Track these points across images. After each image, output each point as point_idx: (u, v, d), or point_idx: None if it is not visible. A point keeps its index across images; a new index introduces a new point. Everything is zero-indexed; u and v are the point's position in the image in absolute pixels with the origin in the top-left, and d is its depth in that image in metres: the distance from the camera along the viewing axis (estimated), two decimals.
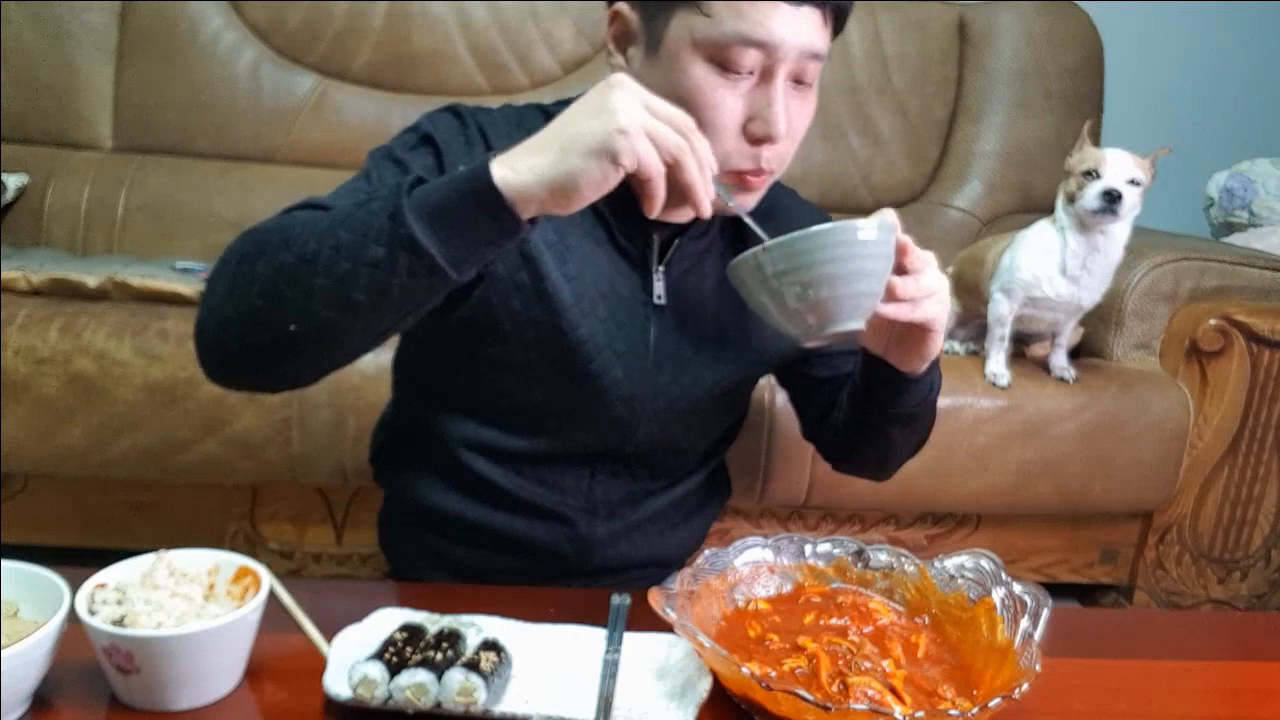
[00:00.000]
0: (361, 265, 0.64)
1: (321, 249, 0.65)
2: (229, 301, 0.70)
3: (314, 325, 0.67)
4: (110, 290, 1.49)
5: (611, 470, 0.93)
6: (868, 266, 0.68)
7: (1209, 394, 1.57)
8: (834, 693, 0.65)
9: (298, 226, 0.68)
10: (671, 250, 0.88)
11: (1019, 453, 1.50)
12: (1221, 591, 1.67)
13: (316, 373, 0.74)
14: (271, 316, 0.68)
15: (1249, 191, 2.05)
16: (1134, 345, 1.61)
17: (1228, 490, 1.61)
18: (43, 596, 0.65)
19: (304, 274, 0.66)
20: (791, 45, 0.75)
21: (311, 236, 0.66)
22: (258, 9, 2.04)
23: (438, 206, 0.64)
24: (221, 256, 0.72)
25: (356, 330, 0.69)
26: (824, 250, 0.66)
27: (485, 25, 2.07)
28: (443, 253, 0.64)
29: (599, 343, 0.85)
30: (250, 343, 0.70)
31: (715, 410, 0.95)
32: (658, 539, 0.98)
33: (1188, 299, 1.60)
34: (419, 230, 0.63)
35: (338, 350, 0.71)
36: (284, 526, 1.55)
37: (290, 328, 0.68)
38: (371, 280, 0.64)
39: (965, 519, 1.63)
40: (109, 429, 1.39)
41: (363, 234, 0.64)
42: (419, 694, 0.62)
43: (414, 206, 0.64)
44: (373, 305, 0.66)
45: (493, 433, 0.90)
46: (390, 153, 0.82)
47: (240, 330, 0.70)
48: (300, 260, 0.66)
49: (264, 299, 0.68)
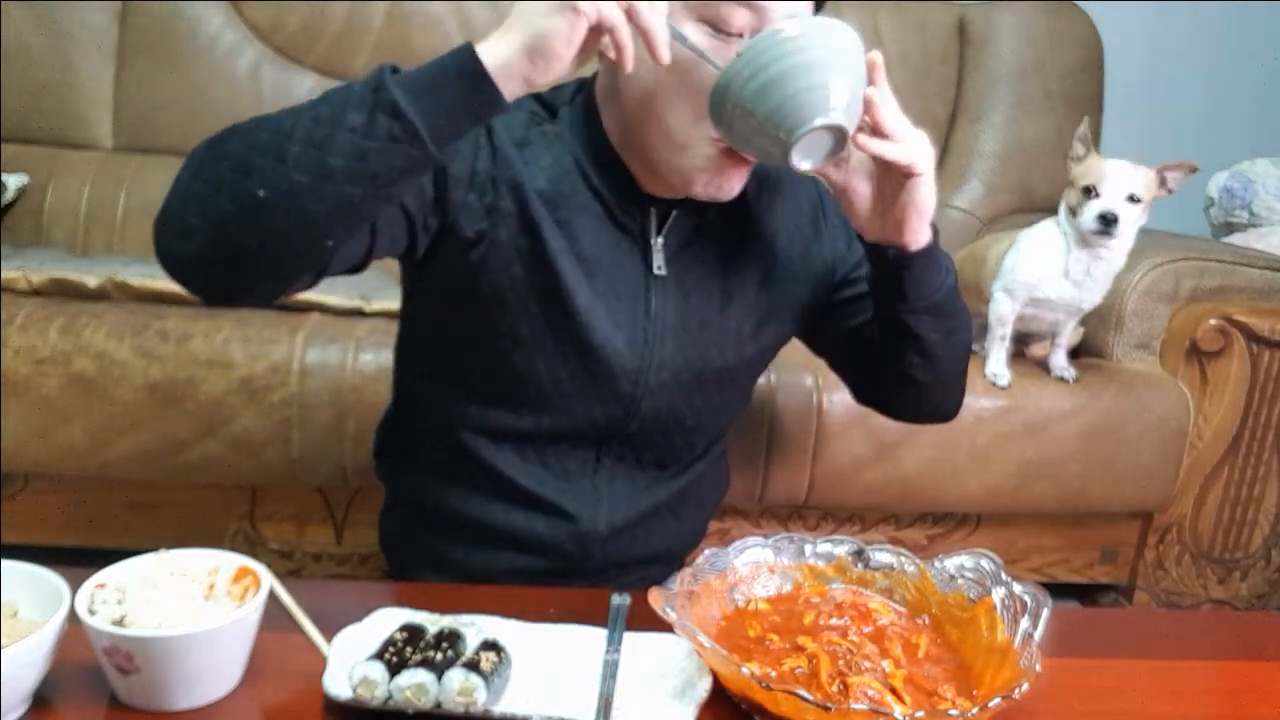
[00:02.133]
0: (341, 130, 0.65)
1: (299, 121, 0.67)
2: (195, 179, 0.69)
3: (284, 191, 0.66)
4: (110, 290, 1.49)
5: (617, 453, 0.93)
6: (816, 58, 0.70)
7: (1209, 394, 1.57)
8: (834, 693, 0.65)
9: (275, 113, 0.70)
10: (669, 222, 0.88)
11: (1019, 453, 1.50)
12: (1221, 591, 1.68)
13: (279, 266, 0.71)
14: (239, 184, 0.66)
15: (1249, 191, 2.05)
16: (1134, 345, 1.61)
17: (1228, 490, 1.61)
18: (43, 596, 0.65)
19: (278, 143, 0.66)
20: (778, 5, 0.75)
21: (289, 114, 0.68)
22: (258, 9, 2.04)
23: (421, 80, 0.67)
24: (202, 145, 0.71)
25: (328, 202, 0.67)
26: (766, 52, 0.69)
27: (485, 25, 2.06)
28: (423, 120, 0.65)
29: (600, 313, 0.86)
30: (213, 213, 0.68)
31: (718, 386, 0.94)
32: (659, 533, 0.97)
33: (1188, 299, 1.60)
34: (401, 96, 0.65)
35: (306, 230, 0.68)
36: (284, 526, 1.55)
37: (259, 193, 0.66)
38: (349, 144, 0.65)
39: (965, 519, 1.63)
40: (109, 429, 1.39)
41: (343, 103, 0.66)
42: (419, 694, 0.62)
43: (398, 81, 0.66)
44: (348, 173, 0.66)
45: (496, 412, 0.90)
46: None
47: (203, 202, 0.68)
48: (276, 133, 0.67)
49: (234, 172, 0.67)
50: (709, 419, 0.97)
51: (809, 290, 0.96)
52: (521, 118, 0.86)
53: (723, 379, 0.94)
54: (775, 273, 0.94)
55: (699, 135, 0.79)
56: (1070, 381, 1.52)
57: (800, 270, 0.95)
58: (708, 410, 0.96)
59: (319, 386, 1.40)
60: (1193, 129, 2.47)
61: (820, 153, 0.73)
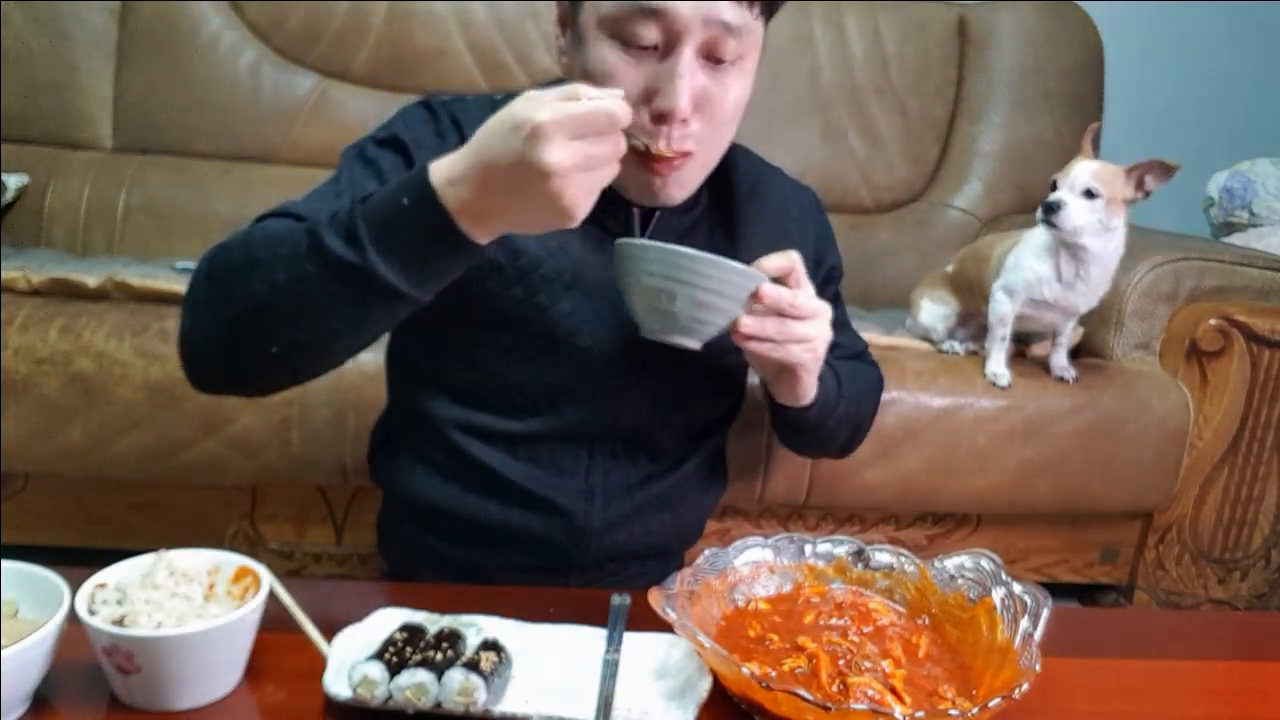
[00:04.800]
0: (341, 305, 0.68)
1: (290, 281, 0.68)
2: (208, 320, 0.73)
3: (294, 348, 0.72)
4: (110, 290, 1.49)
5: (610, 451, 0.93)
6: (711, 300, 0.75)
7: (1209, 394, 1.57)
8: (834, 693, 0.65)
9: (262, 248, 0.70)
10: (653, 224, 0.89)
11: (1019, 453, 1.50)
12: (1221, 591, 1.68)
13: (307, 379, 0.77)
14: (251, 339, 0.71)
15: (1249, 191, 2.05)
16: (1134, 345, 1.61)
17: (1228, 490, 1.61)
18: (43, 596, 0.65)
19: (277, 304, 0.69)
20: (692, 15, 0.74)
21: (279, 265, 0.68)
22: (258, 9, 2.04)
23: (402, 248, 0.66)
24: (196, 268, 0.75)
25: (337, 349, 0.73)
26: (681, 271, 0.73)
27: (485, 25, 2.07)
28: (417, 288, 0.67)
29: (583, 317, 0.87)
30: (235, 361, 0.74)
31: (705, 381, 0.95)
32: (656, 527, 0.97)
33: (1188, 299, 1.60)
34: (393, 277, 0.66)
35: (323, 363, 0.75)
36: (284, 526, 1.55)
37: (272, 349, 0.71)
38: (349, 314, 0.69)
39: (965, 519, 1.63)
40: (109, 429, 1.39)
41: (333, 280, 0.67)
42: (419, 694, 0.62)
43: (375, 242, 0.65)
44: (350, 329, 0.71)
45: (487, 417, 0.90)
46: (362, 151, 0.85)
47: (222, 348, 0.74)
48: (271, 289, 0.69)
49: (240, 324, 0.71)
50: (699, 414, 0.97)
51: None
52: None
53: (709, 374, 0.95)
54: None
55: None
56: (1070, 381, 1.52)
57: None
58: (697, 406, 0.96)
59: (319, 386, 1.39)
60: (1193, 129, 2.47)
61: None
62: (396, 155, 0.84)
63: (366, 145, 0.85)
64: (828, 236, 1.03)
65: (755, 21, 0.78)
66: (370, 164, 0.83)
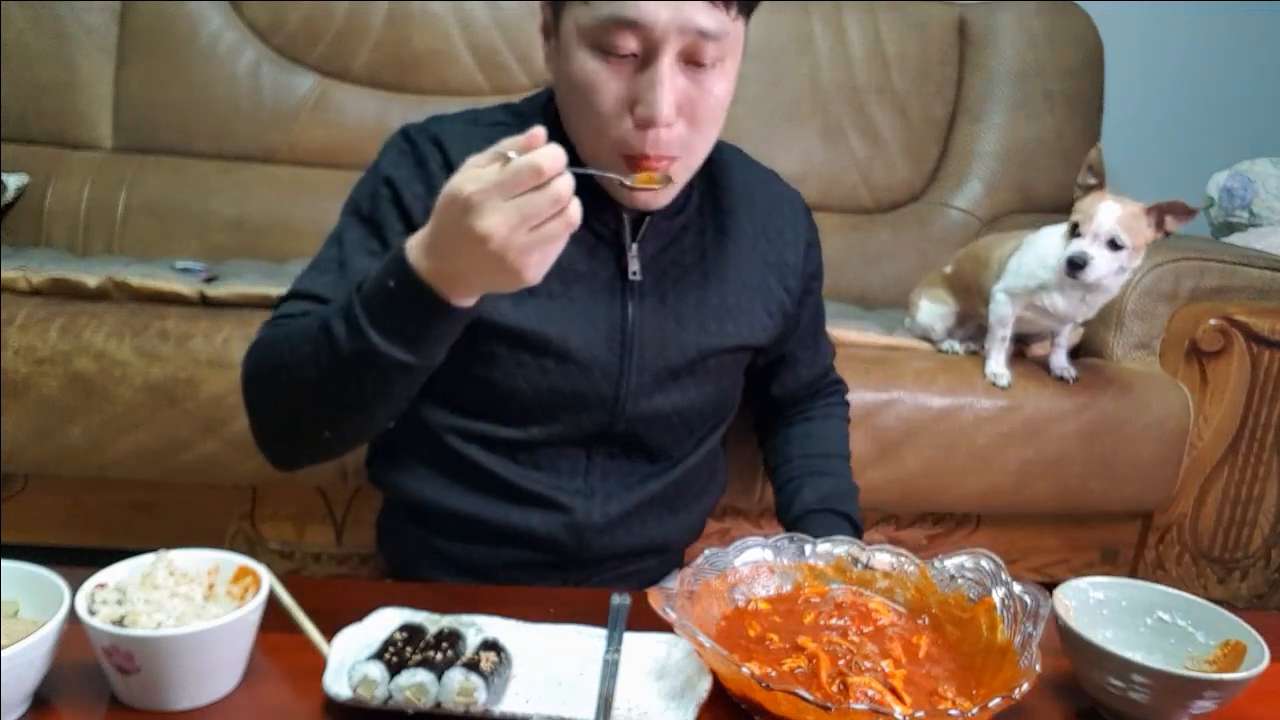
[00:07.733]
0: (361, 384, 0.75)
1: (320, 376, 0.76)
2: (265, 420, 0.84)
3: (343, 429, 0.81)
4: (110, 290, 1.49)
5: (608, 452, 0.93)
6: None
7: (1209, 394, 1.57)
8: (834, 693, 0.65)
9: (288, 353, 0.79)
10: (644, 227, 0.89)
11: (1019, 453, 1.50)
12: (1221, 591, 1.67)
13: (370, 437, 0.92)
14: (305, 427, 0.81)
15: (1249, 191, 2.05)
16: (1134, 345, 1.61)
17: (1228, 490, 1.61)
18: (43, 596, 0.65)
19: (314, 398, 0.78)
20: (668, 24, 0.75)
21: (307, 364, 0.76)
22: (258, 9, 2.04)
23: (398, 327, 0.71)
24: (242, 371, 0.84)
25: (383, 414, 0.81)
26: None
27: (485, 25, 2.06)
28: (415, 356, 0.73)
29: (577, 323, 0.87)
30: (300, 445, 0.84)
31: (699, 382, 0.95)
32: (656, 525, 0.97)
33: (1188, 299, 1.60)
34: (401, 354, 0.72)
35: (375, 425, 0.83)
36: (284, 526, 1.55)
37: (324, 434, 0.81)
38: (374, 392, 0.76)
39: (965, 519, 1.63)
40: (109, 429, 1.39)
41: (351, 363, 0.74)
42: (419, 694, 0.63)
43: (374, 325, 0.71)
44: (383, 399, 0.78)
45: (484, 424, 0.91)
46: (357, 208, 0.88)
47: (289, 440, 0.84)
48: (305, 387, 0.78)
49: (292, 420, 0.81)
50: (695, 414, 0.97)
51: (782, 291, 0.98)
52: (481, 135, 0.79)
53: (702, 376, 0.95)
54: (750, 273, 0.96)
55: (604, 146, 0.81)
56: (1070, 381, 1.52)
57: (774, 271, 0.97)
58: (692, 406, 0.96)
59: None
60: (1193, 129, 2.47)
61: None
62: (390, 202, 0.86)
63: (361, 200, 0.88)
64: (816, 241, 1.04)
65: (734, 23, 0.78)
66: (366, 221, 0.87)
